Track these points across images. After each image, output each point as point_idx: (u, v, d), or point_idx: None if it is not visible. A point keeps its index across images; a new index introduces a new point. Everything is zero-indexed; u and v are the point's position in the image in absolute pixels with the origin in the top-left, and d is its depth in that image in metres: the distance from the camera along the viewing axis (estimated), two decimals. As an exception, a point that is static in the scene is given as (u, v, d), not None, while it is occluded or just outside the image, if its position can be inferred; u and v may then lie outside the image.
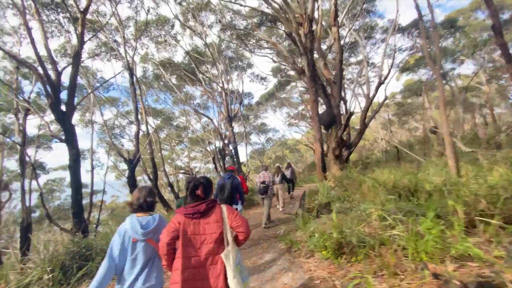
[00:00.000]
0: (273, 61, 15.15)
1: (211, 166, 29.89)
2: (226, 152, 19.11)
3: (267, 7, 9.45)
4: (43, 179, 25.77)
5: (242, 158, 25.07)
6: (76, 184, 6.18)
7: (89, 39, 9.80)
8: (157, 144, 17.39)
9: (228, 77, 16.72)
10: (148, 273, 1.81)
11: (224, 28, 16.01)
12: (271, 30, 16.53)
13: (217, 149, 19.40)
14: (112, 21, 14.12)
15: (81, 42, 6.30)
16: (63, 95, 7.18)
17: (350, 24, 14.98)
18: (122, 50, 13.35)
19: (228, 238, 1.74)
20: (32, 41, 5.27)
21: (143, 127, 12.54)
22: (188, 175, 19.29)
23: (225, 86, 14.05)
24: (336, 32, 9.21)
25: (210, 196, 1.89)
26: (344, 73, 15.55)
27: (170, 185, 12.27)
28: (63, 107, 6.07)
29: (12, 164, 18.47)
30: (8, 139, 11.46)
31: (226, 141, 15.07)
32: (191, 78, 18.67)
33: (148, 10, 13.41)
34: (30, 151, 18.87)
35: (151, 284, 1.80)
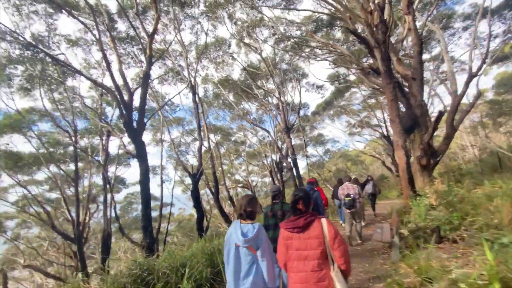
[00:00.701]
0: (332, 63, 14.09)
1: (267, 180, 29.62)
2: (284, 164, 18.44)
3: (326, 7, 8.79)
4: (123, 193, 29.38)
5: (300, 171, 24.00)
6: (145, 198, 6.37)
7: (155, 61, 10.69)
8: (217, 159, 17.94)
9: (284, 89, 16.37)
10: (254, 280, 1.88)
11: (278, 40, 15.91)
12: (328, 35, 15.68)
13: (274, 162, 18.94)
14: (176, 48, 15.52)
15: (149, 64, 6.75)
16: (136, 116, 7.88)
17: (420, 15, 13.06)
18: (186, 73, 14.44)
19: (332, 257, 1.68)
20: (108, 65, 5.84)
21: (205, 143, 13.06)
22: (246, 189, 19.19)
23: (281, 98, 13.59)
24: (411, 21, 7.87)
25: (310, 208, 1.86)
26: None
27: (230, 198, 12.15)
28: (135, 126, 6.46)
29: (99, 179, 21.46)
30: (95, 158, 13.15)
31: (283, 153, 14.43)
32: (247, 94, 19.04)
33: (207, 33, 14.24)
34: (113, 168, 21.84)
35: None
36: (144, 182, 6.29)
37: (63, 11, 9.44)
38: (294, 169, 11.36)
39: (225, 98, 19.11)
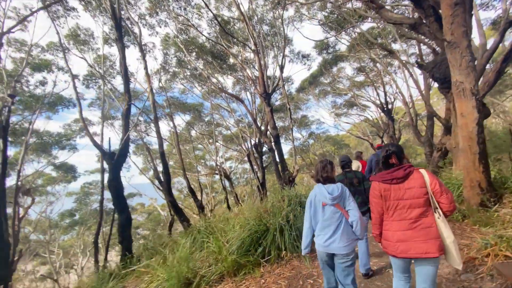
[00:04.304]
0: (322, 23, 11.14)
1: (247, 166, 27.07)
2: (264, 148, 15.73)
3: None
4: (79, 182, 25.34)
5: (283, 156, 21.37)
6: None
7: None
8: (172, 140, 14.77)
9: (265, 58, 13.20)
10: (341, 234, 2.04)
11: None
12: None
13: (253, 145, 16.14)
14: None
15: None
16: None
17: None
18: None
19: (436, 204, 1.72)
20: None
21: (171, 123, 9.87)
22: (220, 176, 16.34)
23: (260, 54, 10.33)
24: None
25: (402, 162, 1.87)
26: None
27: (191, 190, 9.18)
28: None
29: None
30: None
31: (263, 129, 11.58)
32: (221, 62, 15.90)
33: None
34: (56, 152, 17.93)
35: (345, 244, 2.03)
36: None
37: None
38: (276, 150, 8.50)
39: (192, 67, 15.71)
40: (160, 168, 9.33)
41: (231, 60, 16.37)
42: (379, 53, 15.90)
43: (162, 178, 7.55)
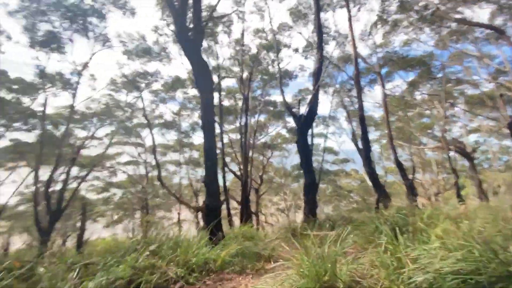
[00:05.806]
0: None
1: (509, 142, 18.22)
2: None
3: None
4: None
5: None
6: (208, 148, 4.33)
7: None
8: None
9: None
10: None
11: None
12: None
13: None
14: None
15: None
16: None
17: None
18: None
19: None
20: None
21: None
22: (448, 152, 12.14)
23: None
24: None
25: None
26: None
27: (399, 164, 7.34)
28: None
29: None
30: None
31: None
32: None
33: None
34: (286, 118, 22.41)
35: None
36: (208, 125, 4.22)
37: None
38: None
39: (423, 4, 11.96)
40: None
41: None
42: None
43: (361, 145, 6.61)
